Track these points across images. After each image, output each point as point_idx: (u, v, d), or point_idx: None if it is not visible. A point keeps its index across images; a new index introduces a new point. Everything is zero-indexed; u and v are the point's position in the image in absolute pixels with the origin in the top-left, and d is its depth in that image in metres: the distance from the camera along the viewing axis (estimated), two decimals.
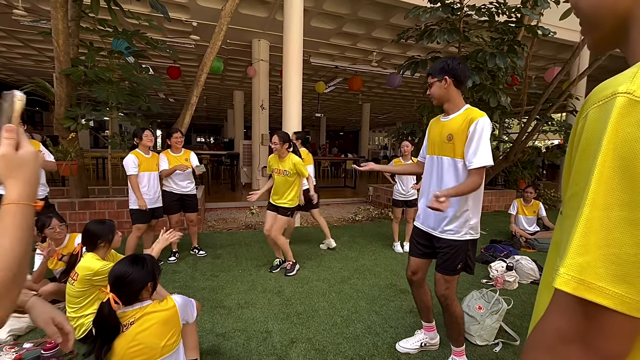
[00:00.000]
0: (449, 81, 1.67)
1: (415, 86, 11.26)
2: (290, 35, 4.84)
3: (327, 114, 18.81)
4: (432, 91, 1.72)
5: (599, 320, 0.37)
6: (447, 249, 1.70)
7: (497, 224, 5.64)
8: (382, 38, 6.92)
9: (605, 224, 0.36)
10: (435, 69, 1.70)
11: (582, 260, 0.37)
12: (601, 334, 0.37)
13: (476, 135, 1.58)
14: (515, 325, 2.38)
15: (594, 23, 0.47)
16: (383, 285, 3.04)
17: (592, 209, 0.37)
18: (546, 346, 0.41)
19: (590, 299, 0.36)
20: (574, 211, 0.40)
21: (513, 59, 4.54)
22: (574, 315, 0.39)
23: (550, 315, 0.42)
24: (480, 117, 1.60)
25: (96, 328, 1.28)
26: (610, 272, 0.36)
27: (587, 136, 0.41)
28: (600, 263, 0.36)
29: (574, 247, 0.38)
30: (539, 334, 0.43)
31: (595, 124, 0.40)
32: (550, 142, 11.74)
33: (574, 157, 0.45)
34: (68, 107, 3.91)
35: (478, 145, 1.57)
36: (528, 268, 3.20)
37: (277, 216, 3.23)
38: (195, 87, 4.51)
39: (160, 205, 3.43)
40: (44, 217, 2.47)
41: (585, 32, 0.50)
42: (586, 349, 0.38)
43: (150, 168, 3.30)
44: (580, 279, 0.37)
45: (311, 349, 2.05)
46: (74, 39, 3.97)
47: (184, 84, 11.55)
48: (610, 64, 8.32)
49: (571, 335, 0.39)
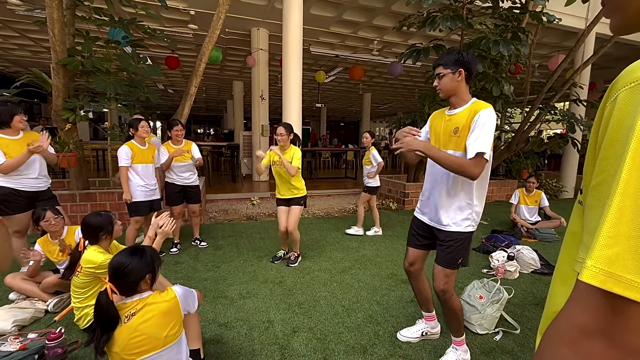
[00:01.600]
0: (463, 74, 1.62)
1: (416, 75, 11.12)
2: (289, 24, 4.75)
3: (327, 104, 18.66)
4: (443, 82, 1.64)
5: (625, 313, 0.36)
6: (451, 242, 1.67)
7: (499, 214, 5.64)
8: (383, 26, 6.79)
9: (637, 213, 0.35)
10: (449, 59, 1.62)
11: (610, 252, 0.36)
12: (627, 328, 0.36)
13: (479, 126, 1.54)
14: (516, 314, 2.39)
15: (620, 2, 0.45)
16: (384, 275, 3.05)
17: (623, 197, 0.35)
18: (567, 340, 0.40)
19: (619, 293, 0.35)
20: (600, 201, 0.38)
21: (517, 47, 4.46)
22: (599, 308, 0.37)
23: (571, 308, 0.41)
24: (484, 109, 1.56)
25: (95, 317, 1.29)
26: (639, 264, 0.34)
27: (617, 120, 0.39)
28: (629, 255, 0.35)
29: (603, 238, 0.36)
30: (559, 328, 0.41)
31: (626, 107, 0.38)
32: (552, 131, 11.64)
33: (600, 143, 0.42)
34: (66, 98, 3.87)
35: (479, 134, 1.53)
36: (529, 258, 3.20)
37: (289, 209, 3.22)
38: (194, 78, 4.46)
39: (158, 198, 3.38)
40: (39, 210, 2.47)
41: (609, 12, 0.47)
42: (610, 344, 0.37)
43: (145, 160, 3.22)
44: (609, 271, 0.36)
45: (313, 338, 2.07)
46: (69, 28, 3.90)
47: (182, 74, 11.44)
48: (615, 51, 8.20)
49: (594, 330, 0.38)
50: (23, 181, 2.72)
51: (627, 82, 0.38)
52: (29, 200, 2.77)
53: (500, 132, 8.87)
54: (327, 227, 4.69)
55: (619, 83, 0.40)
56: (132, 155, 3.12)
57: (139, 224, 3.26)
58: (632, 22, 0.46)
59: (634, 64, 0.39)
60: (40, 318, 2.27)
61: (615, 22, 0.47)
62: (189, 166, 3.57)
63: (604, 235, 0.36)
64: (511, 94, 5.04)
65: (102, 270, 1.94)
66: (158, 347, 1.35)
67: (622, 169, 0.36)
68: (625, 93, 0.38)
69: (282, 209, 3.25)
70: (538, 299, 2.65)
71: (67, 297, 2.41)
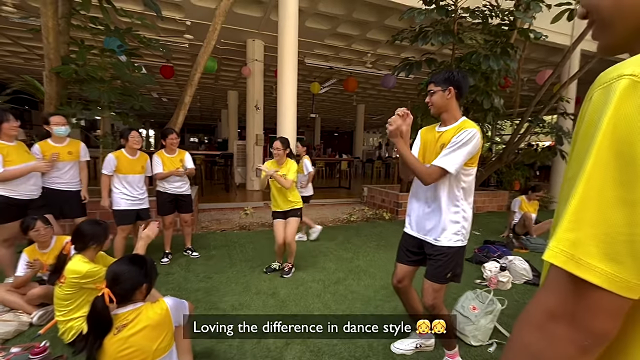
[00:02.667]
0: (453, 92, 1.66)
1: (409, 87, 11.33)
2: (285, 36, 4.83)
3: (321, 115, 18.82)
4: (434, 100, 1.69)
5: (587, 297, 0.37)
6: (440, 257, 1.68)
7: (491, 225, 5.69)
8: (377, 39, 6.95)
9: (599, 202, 0.37)
10: (439, 78, 1.68)
11: (573, 236, 0.38)
12: (588, 312, 0.38)
13: (454, 143, 1.58)
14: (509, 325, 2.39)
15: (610, 23, 0.46)
16: (378, 286, 3.03)
17: (587, 186, 0.38)
18: (535, 323, 0.41)
19: (579, 275, 0.37)
20: (570, 192, 0.41)
21: (506, 62, 4.60)
22: (563, 292, 0.39)
23: (541, 293, 0.43)
24: (467, 128, 1.60)
25: (89, 323, 1.26)
26: (601, 250, 0.36)
27: (590, 117, 0.41)
28: (591, 241, 0.37)
29: (566, 222, 0.38)
30: (529, 311, 0.43)
31: (597, 105, 0.40)
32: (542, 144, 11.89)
33: (576, 141, 0.45)
34: (58, 106, 3.83)
35: (451, 151, 1.58)
36: (521, 268, 3.23)
37: (286, 222, 3.22)
38: (189, 87, 4.47)
39: (146, 207, 3.33)
40: (29, 219, 2.40)
41: (598, 31, 0.49)
42: (573, 327, 0.38)
43: (133, 170, 3.17)
44: (570, 253, 0.37)
45: (306, 351, 2.04)
46: (64, 36, 3.90)
47: (177, 83, 11.46)
48: (600, 67, 8.45)
49: (559, 313, 0.39)
50: (19, 188, 2.67)
51: (601, 82, 0.41)
52: (21, 208, 2.72)
53: (491, 144, 9.04)
54: (320, 237, 4.66)
55: (596, 84, 0.42)
56: (117, 165, 3.07)
57: (125, 232, 3.20)
58: (620, 42, 0.47)
59: (611, 67, 0.41)
60: (24, 331, 2.19)
61: (603, 42, 0.49)
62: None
63: (567, 219, 0.38)
64: (501, 106, 5.16)
65: (87, 279, 1.89)
66: None
67: (588, 160, 0.38)
68: (599, 92, 0.41)
69: (279, 222, 3.23)
70: None
71: (52, 309, 2.33)
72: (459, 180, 1.65)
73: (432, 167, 1.60)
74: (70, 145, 3.15)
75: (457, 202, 1.66)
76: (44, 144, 3.06)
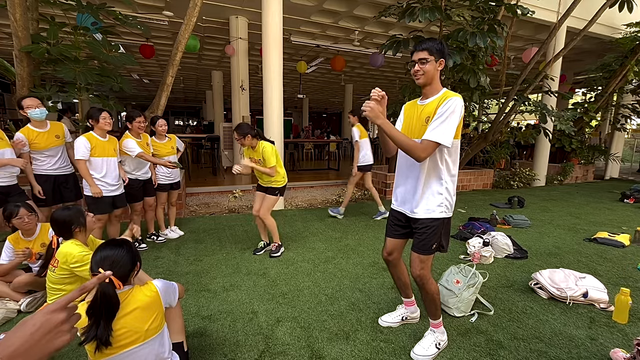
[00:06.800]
0: (443, 64, 1.65)
1: (397, 66, 11.19)
2: (269, 12, 4.65)
3: (309, 95, 18.50)
4: (427, 69, 1.64)
5: None
6: (424, 229, 1.72)
7: (476, 202, 5.84)
8: (364, 16, 6.77)
9: None
10: (434, 47, 1.63)
11: None
12: None
13: (441, 114, 1.58)
14: (490, 296, 2.51)
15: None
16: (366, 264, 3.12)
17: None
18: None
19: None
20: None
21: (493, 39, 4.57)
22: None
23: None
24: (452, 97, 1.59)
25: (100, 309, 1.24)
26: None
27: None
28: None
29: None
30: None
31: None
32: (526, 122, 12.05)
33: None
34: (31, 88, 3.65)
35: (441, 122, 1.57)
36: (503, 243, 3.35)
37: (265, 196, 3.23)
38: (171, 67, 4.31)
39: (122, 192, 3.17)
40: (12, 206, 2.34)
41: None
42: None
43: (106, 153, 2.96)
44: None
45: (297, 327, 2.10)
46: (32, 12, 3.66)
47: (158, 64, 11.00)
48: (584, 45, 8.55)
49: None
50: None
51: None
52: (2, 195, 2.63)
53: (477, 123, 9.13)
54: (310, 218, 4.71)
55: None
56: (90, 148, 2.87)
57: (101, 222, 3.01)
58: None
59: None
60: (12, 318, 2.19)
61: None
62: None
63: None
64: (488, 85, 5.18)
65: (80, 264, 1.88)
66: (140, 340, 1.34)
67: None
68: None
69: (259, 195, 3.30)
70: (510, 281, 2.80)
71: (41, 296, 2.32)
72: (442, 153, 1.66)
73: (426, 142, 1.57)
74: (54, 129, 3.11)
75: (441, 175, 1.68)
76: (26, 129, 2.95)
